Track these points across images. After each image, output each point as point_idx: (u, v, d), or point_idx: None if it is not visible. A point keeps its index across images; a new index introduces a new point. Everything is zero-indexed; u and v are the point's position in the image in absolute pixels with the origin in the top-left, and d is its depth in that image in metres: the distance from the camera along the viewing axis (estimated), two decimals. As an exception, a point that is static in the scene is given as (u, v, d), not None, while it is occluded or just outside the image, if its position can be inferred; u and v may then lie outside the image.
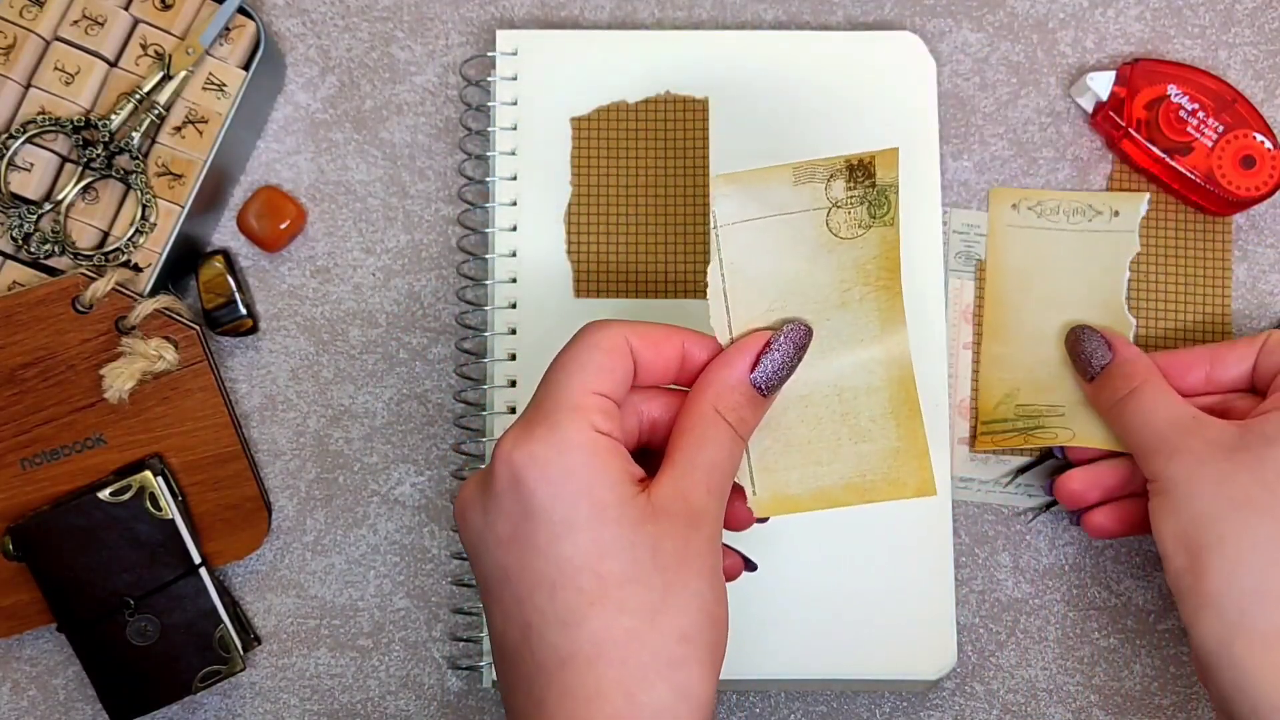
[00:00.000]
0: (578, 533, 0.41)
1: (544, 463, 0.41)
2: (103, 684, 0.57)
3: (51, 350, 0.57)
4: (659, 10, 0.64)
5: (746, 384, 0.45)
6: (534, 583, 0.41)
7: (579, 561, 0.41)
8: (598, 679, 0.40)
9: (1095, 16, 0.64)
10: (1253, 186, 0.60)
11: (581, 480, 0.41)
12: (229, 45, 0.60)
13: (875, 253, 0.47)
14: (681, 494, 0.43)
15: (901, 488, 0.48)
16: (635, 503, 0.42)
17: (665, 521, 0.42)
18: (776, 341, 0.46)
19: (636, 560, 0.41)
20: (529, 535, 0.41)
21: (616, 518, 0.41)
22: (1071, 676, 0.60)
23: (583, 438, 0.42)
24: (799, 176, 0.46)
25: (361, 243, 0.62)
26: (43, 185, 0.59)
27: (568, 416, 0.42)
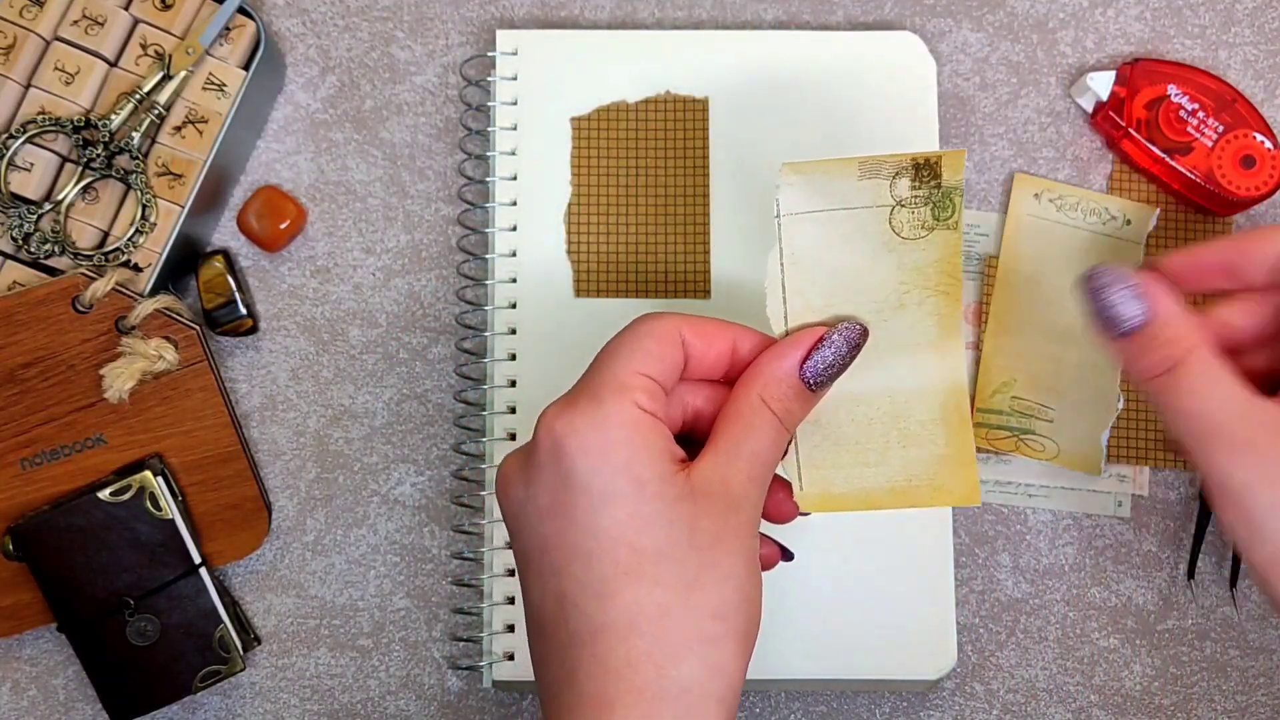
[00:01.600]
0: (616, 505, 0.41)
1: (584, 434, 0.42)
2: (103, 684, 0.57)
3: (52, 350, 0.57)
4: (659, 10, 0.64)
5: (795, 377, 0.45)
6: (571, 553, 0.41)
7: (616, 534, 0.41)
8: (629, 650, 0.40)
9: (1095, 16, 0.64)
10: (1253, 186, 0.60)
11: (622, 454, 0.41)
12: (229, 45, 0.60)
13: (936, 256, 0.46)
14: (721, 477, 0.43)
15: (946, 495, 0.47)
16: (675, 480, 0.42)
17: (704, 502, 0.42)
18: (830, 338, 0.45)
19: (673, 537, 0.41)
20: (568, 506, 0.42)
21: (655, 493, 0.41)
22: (1071, 676, 0.60)
23: (625, 414, 0.42)
24: (864, 171, 0.45)
25: (361, 243, 0.62)
26: (43, 185, 0.59)
27: (612, 393, 0.42)
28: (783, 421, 0.44)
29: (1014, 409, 0.60)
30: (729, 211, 0.61)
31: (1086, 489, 0.60)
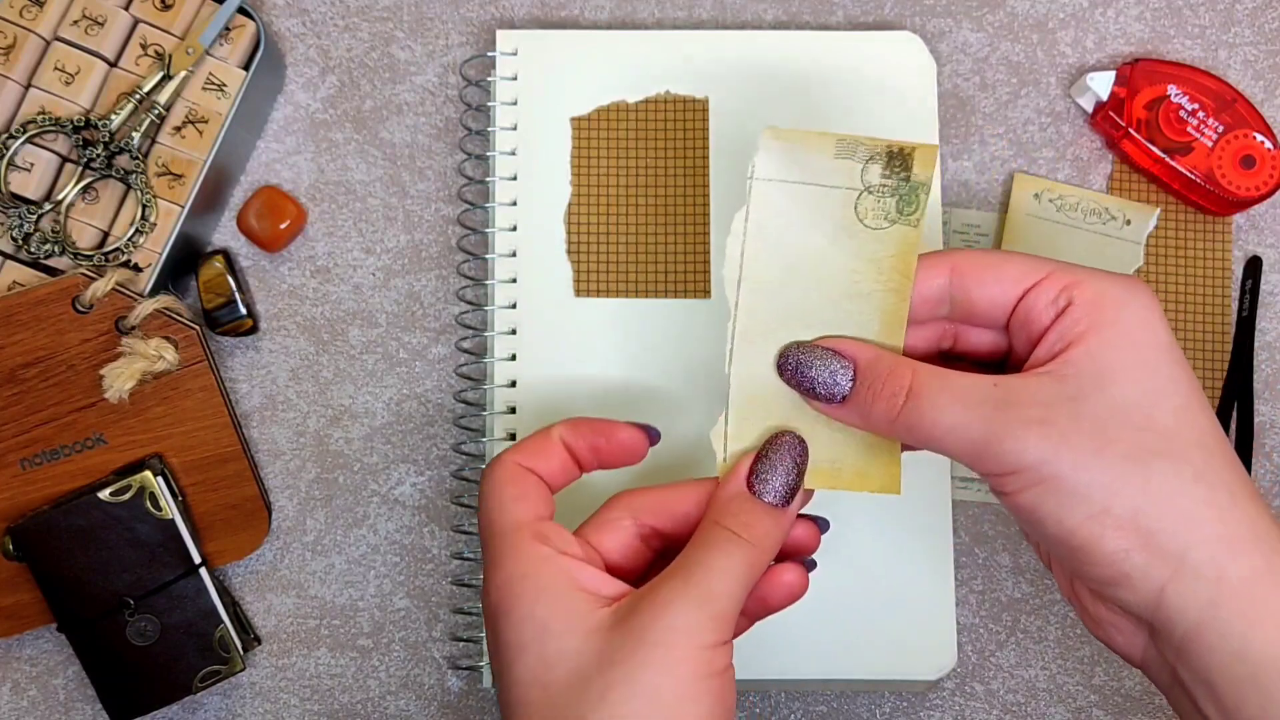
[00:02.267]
0: (527, 654, 0.42)
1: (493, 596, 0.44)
2: (103, 684, 0.57)
3: (52, 350, 0.57)
4: (659, 10, 0.64)
5: (744, 495, 0.45)
6: (506, 705, 0.43)
7: (529, 679, 0.42)
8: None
9: (1095, 16, 0.64)
10: (1253, 186, 0.60)
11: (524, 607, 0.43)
12: (229, 45, 0.60)
13: (893, 251, 0.46)
14: (651, 590, 0.43)
15: (868, 481, 0.48)
16: (591, 615, 0.42)
17: (622, 622, 0.42)
18: (769, 450, 0.46)
19: (580, 666, 0.41)
20: (499, 663, 0.43)
21: (561, 630, 0.42)
22: (1071, 676, 0.60)
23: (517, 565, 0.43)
24: (840, 150, 0.45)
25: (361, 243, 0.62)
26: (43, 185, 0.59)
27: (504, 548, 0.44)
28: (740, 534, 0.44)
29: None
30: (729, 211, 0.61)
31: (1086, 489, 0.60)
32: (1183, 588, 0.40)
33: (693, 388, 0.59)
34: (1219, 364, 0.61)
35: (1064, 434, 0.41)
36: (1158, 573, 0.40)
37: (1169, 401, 0.42)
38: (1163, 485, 0.41)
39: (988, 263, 0.45)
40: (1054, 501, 0.41)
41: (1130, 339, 0.42)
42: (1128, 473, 0.41)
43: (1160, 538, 0.40)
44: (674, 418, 0.59)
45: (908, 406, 0.43)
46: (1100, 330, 0.42)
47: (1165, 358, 0.42)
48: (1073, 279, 0.43)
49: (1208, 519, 0.40)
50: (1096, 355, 0.42)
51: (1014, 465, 0.41)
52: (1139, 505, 0.40)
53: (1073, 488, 0.41)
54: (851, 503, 0.58)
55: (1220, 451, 0.41)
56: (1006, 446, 0.41)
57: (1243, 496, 0.41)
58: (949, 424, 0.42)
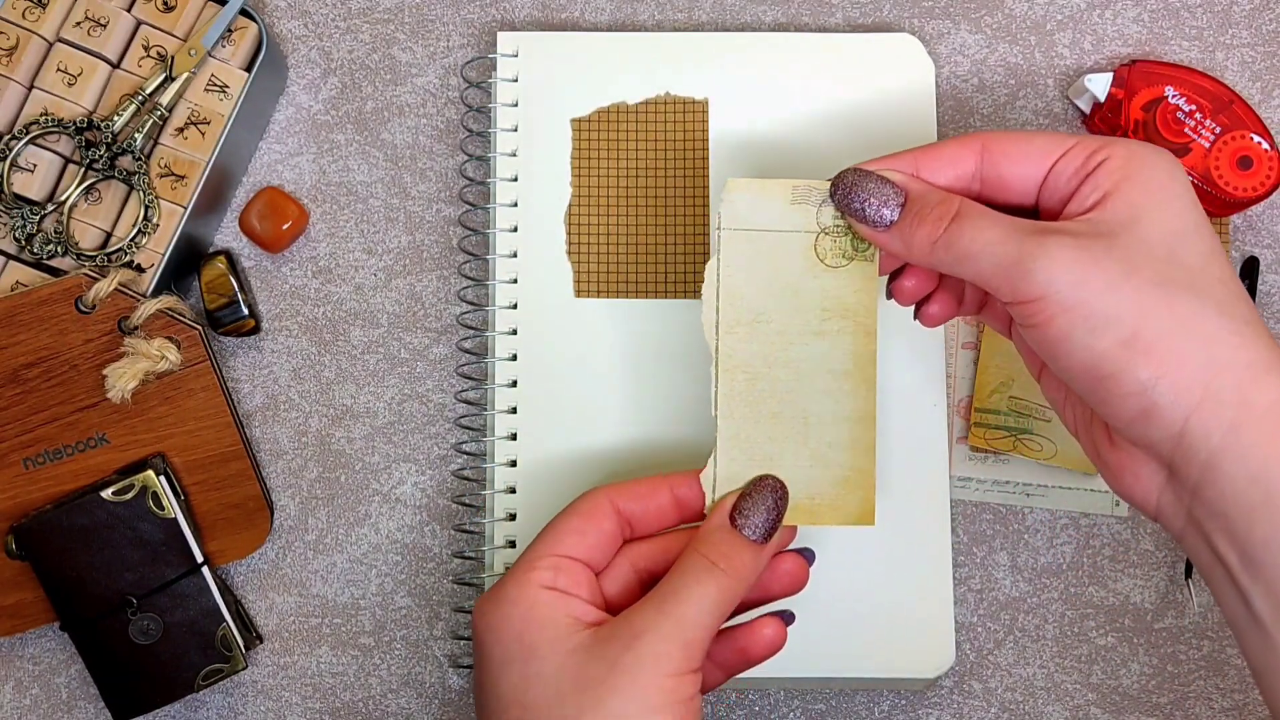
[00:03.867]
0: (509, 670, 0.44)
1: (489, 615, 0.46)
2: (105, 682, 0.57)
3: (54, 350, 0.58)
4: (659, 12, 0.64)
5: (726, 528, 0.47)
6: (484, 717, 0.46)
7: (510, 696, 0.44)
8: None
9: (1093, 18, 0.64)
10: (1250, 187, 0.60)
11: (515, 626, 0.45)
12: (231, 47, 0.60)
13: (856, 287, 0.49)
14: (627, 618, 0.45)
15: (844, 515, 0.50)
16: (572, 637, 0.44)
17: (601, 646, 0.44)
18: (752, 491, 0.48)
19: (559, 687, 0.43)
20: (482, 679, 0.46)
21: (546, 653, 0.44)
22: (1069, 675, 0.60)
23: (521, 593, 0.45)
24: (796, 196, 0.48)
25: (363, 243, 0.62)
26: (46, 186, 0.59)
27: (513, 578, 0.46)
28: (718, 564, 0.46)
29: (1011, 409, 0.60)
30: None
31: (1084, 488, 0.60)
32: (1206, 414, 0.41)
33: (693, 388, 0.59)
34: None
35: (1096, 259, 0.42)
36: (1184, 401, 0.41)
37: (1195, 245, 0.43)
38: (1190, 312, 0.42)
39: (1016, 139, 0.47)
40: (1085, 327, 0.42)
41: (1160, 187, 0.44)
42: (1157, 298, 0.42)
43: (1188, 363, 0.41)
44: (673, 418, 0.59)
45: (952, 227, 0.45)
46: (1131, 179, 0.44)
47: (1192, 209, 0.44)
48: (1100, 144, 0.45)
49: (1233, 346, 0.42)
50: (1128, 199, 0.44)
51: (1044, 288, 0.42)
52: (1168, 328, 0.42)
53: (1103, 310, 0.42)
54: (850, 502, 0.59)
55: (1240, 294, 0.43)
56: (1040, 265, 0.42)
57: (1263, 333, 0.42)
58: (987, 239, 0.44)
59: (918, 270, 0.49)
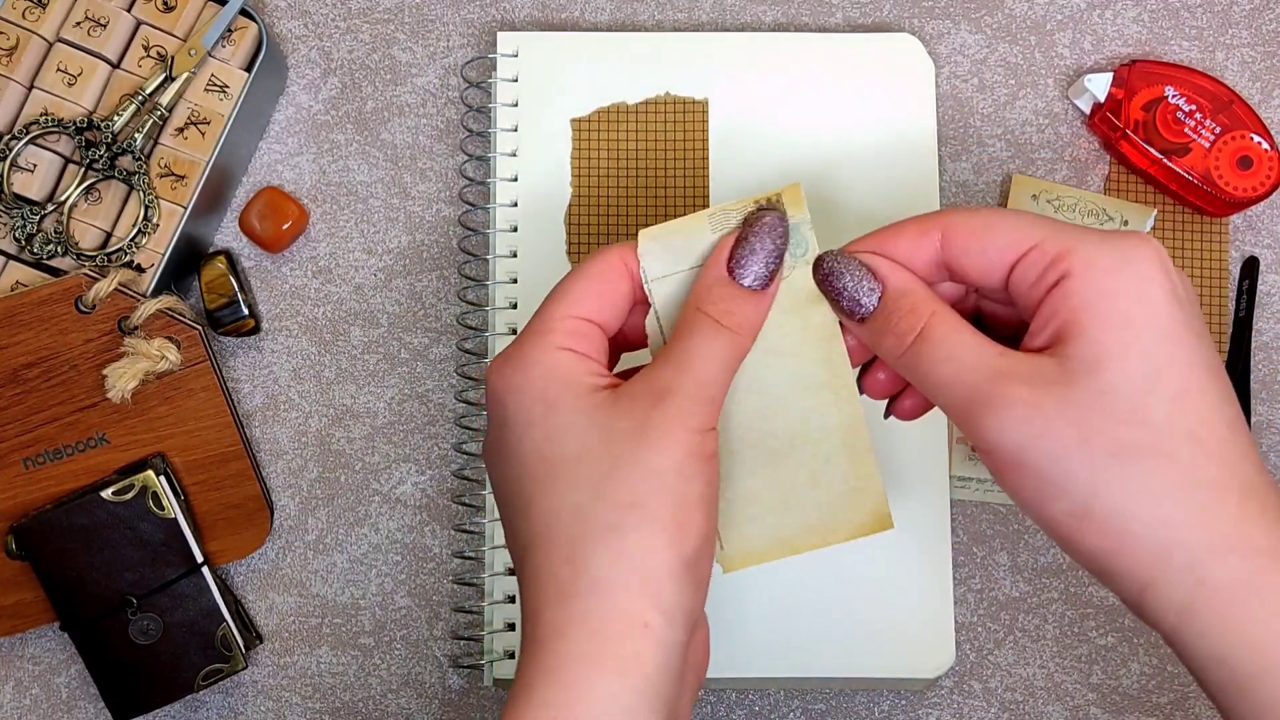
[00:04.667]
0: (533, 429, 0.42)
1: (508, 376, 0.43)
2: (105, 682, 0.57)
3: (54, 350, 0.58)
4: (659, 12, 0.64)
5: (725, 280, 0.44)
6: (507, 486, 0.43)
7: (533, 453, 0.42)
8: (547, 556, 0.41)
9: (1093, 18, 0.64)
10: (1250, 187, 0.60)
11: (537, 385, 0.43)
12: (231, 47, 0.60)
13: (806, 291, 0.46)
14: (646, 378, 0.43)
15: (860, 527, 0.47)
16: (593, 395, 0.42)
17: (625, 403, 0.42)
18: (745, 234, 0.45)
19: (586, 442, 0.42)
20: (502, 443, 0.44)
21: (570, 408, 0.42)
22: (1069, 675, 0.60)
23: (541, 355, 0.43)
24: (714, 224, 0.45)
25: (363, 243, 0.62)
26: (46, 186, 0.59)
27: (531, 340, 0.44)
28: (722, 322, 0.44)
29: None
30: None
31: (1084, 488, 0.60)
32: (1160, 593, 0.39)
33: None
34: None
35: (1049, 421, 0.40)
36: (1137, 576, 0.40)
37: (1164, 388, 0.40)
38: (1146, 486, 0.39)
39: (975, 228, 0.43)
40: (1033, 489, 0.40)
41: (1126, 318, 0.40)
42: (1109, 471, 0.39)
43: (1140, 542, 0.39)
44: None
45: (913, 349, 0.43)
46: (1093, 309, 0.40)
47: (1163, 336, 0.40)
48: (1064, 247, 0.41)
49: (1190, 524, 0.39)
50: (1090, 338, 0.40)
51: (994, 443, 0.40)
52: (1119, 507, 0.39)
53: (1051, 479, 0.40)
54: (850, 502, 0.59)
55: (1214, 442, 0.40)
56: (990, 422, 0.40)
57: (1233, 493, 0.39)
58: (942, 379, 0.42)
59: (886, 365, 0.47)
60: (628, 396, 0.42)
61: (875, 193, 0.61)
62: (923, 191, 0.61)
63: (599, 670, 0.39)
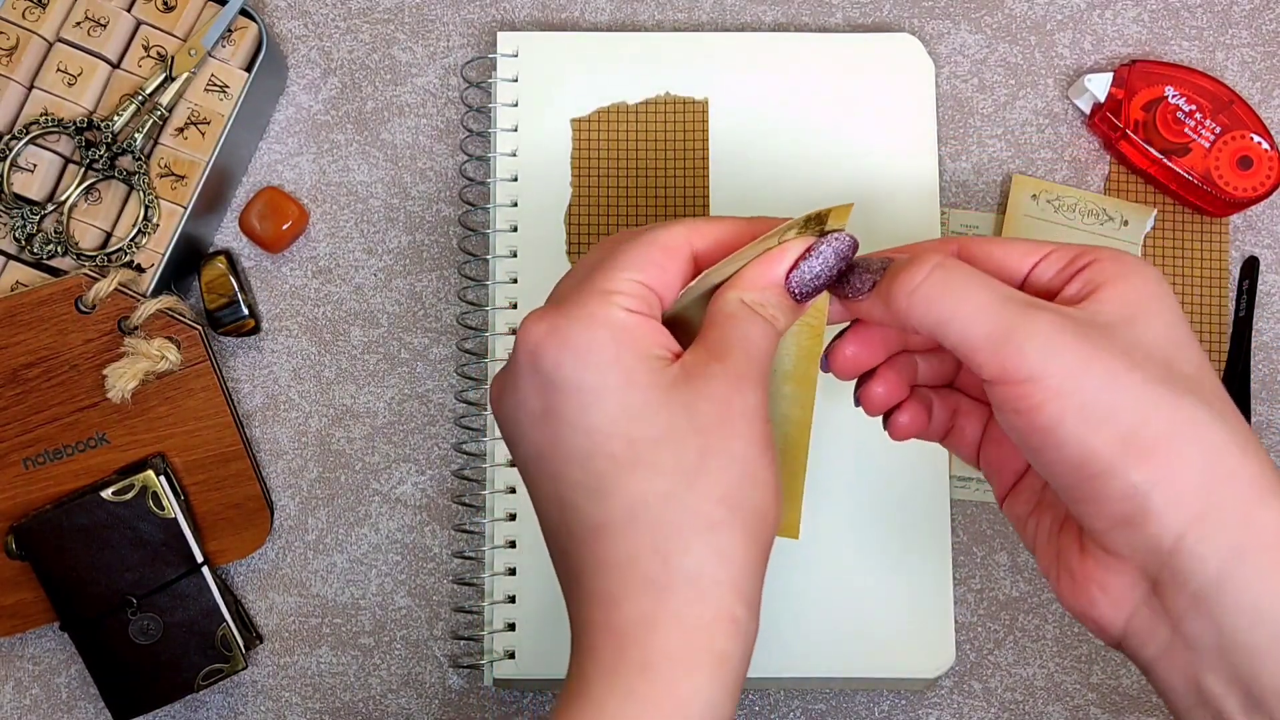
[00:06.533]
0: (606, 400, 0.39)
1: (565, 334, 0.40)
2: (105, 682, 0.57)
3: (54, 350, 0.58)
4: (659, 12, 0.64)
5: (780, 286, 0.43)
6: (566, 456, 0.40)
7: (609, 429, 0.39)
8: (632, 544, 0.39)
9: (1093, 18, 0.64)
10: (1250, 187, 0.60)
11: (607, 350, 0.40)
12: (231, 47, 0.60)
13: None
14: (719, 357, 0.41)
15: None
16: (668, 370, 0.40)
17: (702, 385, 0.40)
18: (819, 249, 0.43)
19: (671, 423, 0.39)
20: (558, 408, 0.40)
21: (647, 382, 0.40)
22: (1069, 675, 0.60)
23: (609, 314, 0.40)
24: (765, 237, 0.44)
25: (363, 243, 0.62)
26: (46, 186, 0.59)
27: (597, 297, 0.40)
28: (764, 318, 0.42)
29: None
30: (728, 212, 0.61)
31: (1084, 488, 0.60)
32: (1205, 533, 0.37)
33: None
34: (1216, 364, 0.61)
35: (1096, 345, 0.38)
36: (1181, 513, 0.37)
37: (1190, 355, 0.40)
38: (1192, 416, 0.38)
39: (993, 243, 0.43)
40: (1078, 418, 0.38)
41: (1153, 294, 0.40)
42: (1160, 396, 0.38)
43: (1189, 470, 0.37)
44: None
45: (935, 276, 0.40)
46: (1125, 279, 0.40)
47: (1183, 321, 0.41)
48: (1080, 250, 0.42)
49: (1237, 457, 0.38)
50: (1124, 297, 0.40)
51: (1037, 369, 0.38)
52: (1170, 430, 0.38)
53: (1101, 401, 0.38)
54: (850, 502, 0.59)
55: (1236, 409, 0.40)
56: (1035, 343, 0.38)
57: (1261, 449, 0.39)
58: (975, 303, 0.39)
59: (887, 376, 0.45)
60: (704, 378, 0.40)
61: (875, 193, 0.61)
62: (923, 191, 0.61)
63: (693, 668, 0.38)
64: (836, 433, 0.59)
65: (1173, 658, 0.39)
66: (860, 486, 0.59)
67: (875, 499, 0.59)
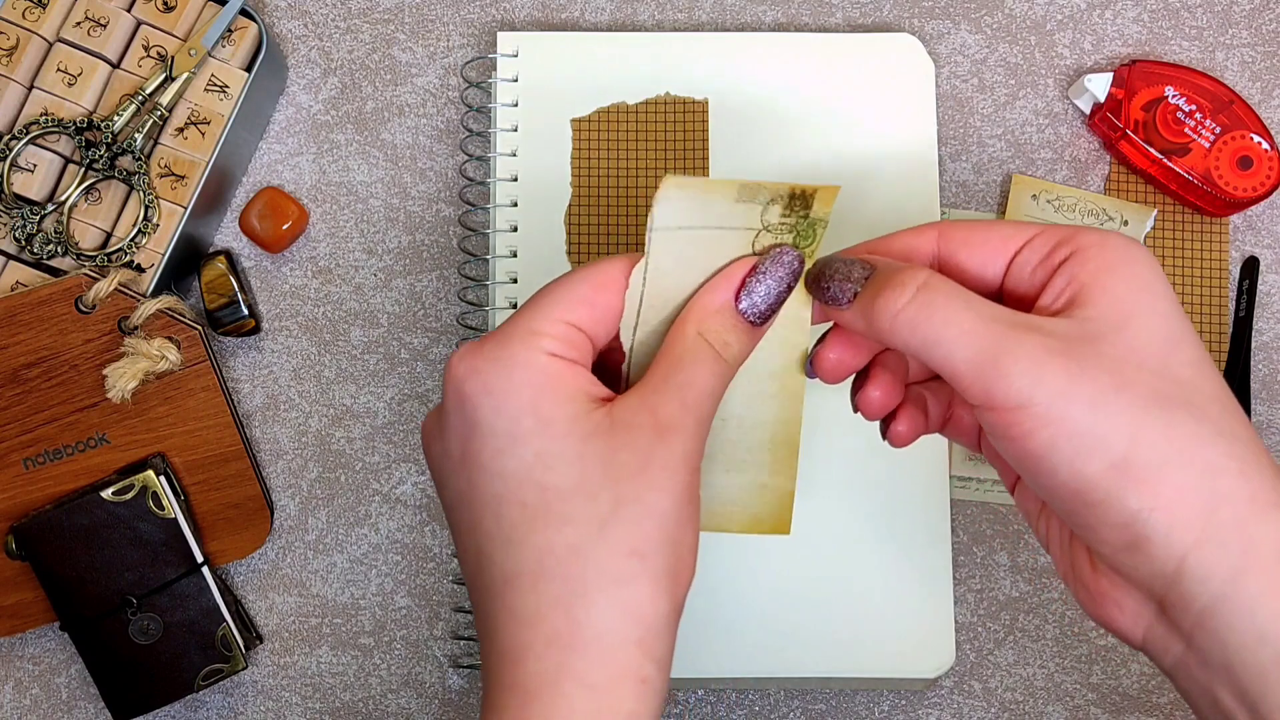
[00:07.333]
0: (521, 446, 0.39)
1: (487, 376, 0.39)
2: (105, 682, 0.57)
3: (54, 350, 0.58)
4: (659, 12, 0.64)
5: (730, 309, 0.42)
6: (482, 503, 0.39)
7: (523, 475, 0.39)
8: (539, 597, 0.38)
9: (1093, 18, 0.64)
10: (1250, 187, 0.60)
11: (526, 395, 0.39)
12: (231, 47, 0.60)
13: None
14: (649, 407, 0.40)
15: (758, 524, 0.46)
16: (590, 417, 0.39)
17: (624, 434, 0.39)
18: (762, 267, 0.42)
19: (585, 472, 0.38)
20: (475, 453, 0.39)
21: (564, 431, 0.39)
22: (1069, 675, 0.60)
23: (530, 357, 0.39)
24: (742, 194, 0.42)
25: (363, 243, 0.62)
26: (46, 186, 0.59)
27: (521, 337, 0.40)
28: (720, 353, 0.42)
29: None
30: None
31: (1084, 488, 0.60)
32: (1206, 555, 0.37)
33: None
34: (1215, 365, 0.61)
35: (1083, 367, 0.37)
36: (1181, 537, 0.37)
37: (1187, 353, 0.39)
38: (1187, 434, 0.37)
39: (974, 227, 0.42)
40: (1069, 446, 0.37)
41: (1145, 285, 0.39)
42: (1151, 417, 0.37)
43: (1186, 495, 0.37)
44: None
45: (919, 298, 0.39)
46: (1113, 273, 0.39)
47: (1178, 310, 0.39)
48: (1067, 233, 0.41)
49: (1234, 475, 0.37)
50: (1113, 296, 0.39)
51: (1025, 396, 0.37)
52: (1164, 455, 0.37)
53: (1090, 429, 0.37)
54: (850, 502, 0.59)
55: (1236, 410, 0.38)
56: (1019, 369, 0.37)
57: (1262, 455, 0.38)
58: (959, 327, 0.38)
59: (881, 378, 0.44)
60: (626, 426, 0.39)
61: (875, 193, 0.61)
62: (923, 191, 0.61)
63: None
64: (836, 433, 0.59)
65: (1188, 670, 0.39)
66: (860, 486, 0.59)
67: (875, 499, 0.59)
